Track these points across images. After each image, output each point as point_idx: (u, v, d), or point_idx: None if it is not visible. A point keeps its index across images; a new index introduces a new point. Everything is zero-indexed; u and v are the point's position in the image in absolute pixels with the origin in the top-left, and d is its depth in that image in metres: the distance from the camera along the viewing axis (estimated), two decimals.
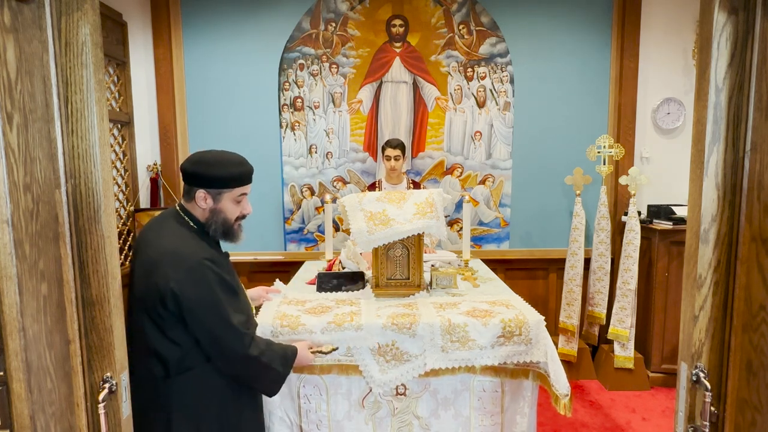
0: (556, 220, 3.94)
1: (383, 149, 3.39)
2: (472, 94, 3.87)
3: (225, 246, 1.74)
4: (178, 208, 1.65)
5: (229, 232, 1.65)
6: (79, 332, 1.00)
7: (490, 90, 3.86)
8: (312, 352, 1.86)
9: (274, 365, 1.63)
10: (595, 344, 3.80)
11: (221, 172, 1.57)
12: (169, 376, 1.51)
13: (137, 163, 3.83)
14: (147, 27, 3.78)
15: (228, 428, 1.62)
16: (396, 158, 3.32)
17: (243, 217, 1.67)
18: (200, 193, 1.58)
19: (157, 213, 3.76)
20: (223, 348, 1.54)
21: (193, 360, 1.54)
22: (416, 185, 3.50)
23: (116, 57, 3.59)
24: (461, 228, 3.76)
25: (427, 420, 2.03)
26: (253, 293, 2.13)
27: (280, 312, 2.04)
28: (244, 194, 1.64)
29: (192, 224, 1.62)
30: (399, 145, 3.33)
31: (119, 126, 3.67)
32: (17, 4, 0.86)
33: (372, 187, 3.55)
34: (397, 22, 3.81)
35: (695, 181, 1.01)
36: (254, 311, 1.89)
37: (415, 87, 3.87)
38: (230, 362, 1.57)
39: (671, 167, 3.84)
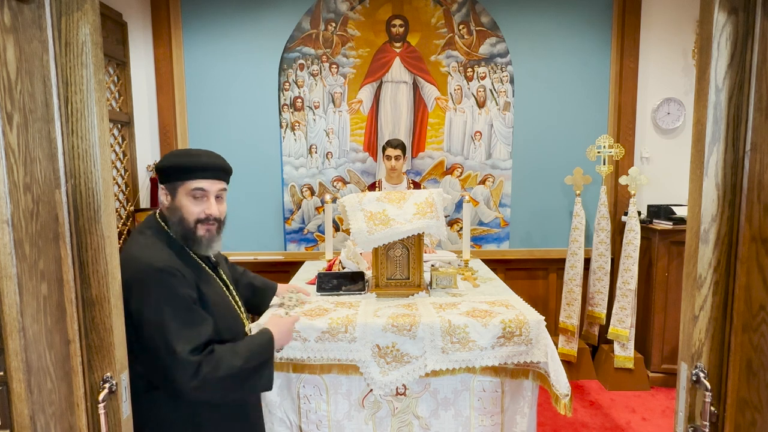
0: (556, 220, 3.95)
1: (384, 149, 3.39)
2: (472, 94, 3.87)
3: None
4: (157, 211, 1.54)
5: (188, 235, 1.44)
6: (79, 332, 1.00)
7: (490, 90, 3.86)
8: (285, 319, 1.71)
9: (238, 366, 1.40)
10: (595, 344, 3.80)
11: (170, 161, 1.43)
12: (140, 393, 1.36)
13: (137, 163, 3.83)
14: (147, 27, 3.79)
15: None
16: (396, 158, 3.33)
17: (207, 219, 1.45)
18: (161, 190, 1.46)
19: None
20: (168, 377, 1.33)
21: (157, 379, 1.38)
22: (416, 185, 3.50)
23: (116, 57, 3.59)
24: (461, 228, 3.77)
25: (427, 420, 2.03)
26: (281, 290, 2.12)
27: (276, 314, 2.04)
28: (201, 189, 1.43)
29: (166, 228, 1.48)
30: (399, 145, 3.33)
31: (119, 126, 3.67)
32: (17, 4, 0.86)
33: (372, 187, 3.55)
34: (397, 22, 3.81)
35: (695, 181, 1.01)
36: (244, 317, 1.70)
37: (415, 87, 3.87)
38: (181, 393, 1.34)
39: (671, 167, 3.84)
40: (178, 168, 1.43)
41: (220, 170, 1.48)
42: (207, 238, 1.47)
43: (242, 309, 1.66)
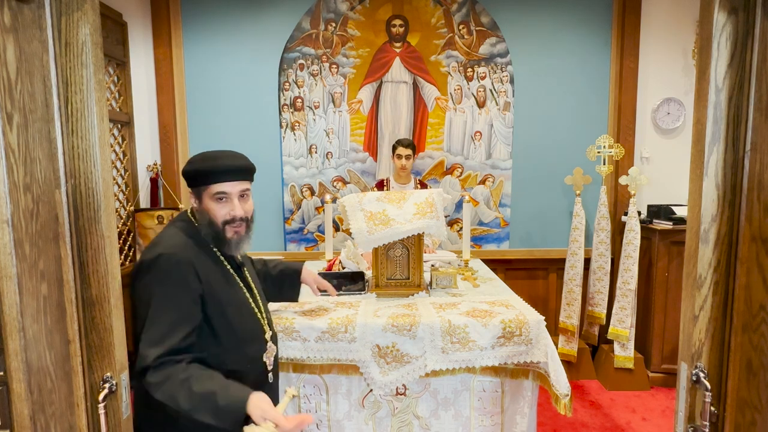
0: (556, 220, 3.94)
1: (394, 148, 3.42)
2: (472, 94, 3.87)
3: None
4: (190, 207, 1.59)
5: (218, 236, 1.46)
6: (79, 332, 1.00)
7: (490, 90, 3.86)
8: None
9: (185, 407, 1.25)
10: (595, 344, 3.80)
11: (191, 167, 1.45)
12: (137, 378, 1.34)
13: (137, 163, 3.83)
14: (147, 27, 3.78)
15: None
16: (407, 157, 3.38)
17: (233, 220, 1.46)
18: (190, 194, 1.50)
19: (157, 213, 3.77)
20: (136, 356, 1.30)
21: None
22: (423, 185, 3.52)
23: (116, 57, 3.59)
24: (461, 228, 3.76)
25: (427, 420, 2.03)
26: (306, 276, 1.99)
27: (275, 314, 2.04)
28: (223, 193, 1.44)
29: (196, 224, 1.52)
30: (410, 145, 3.38)
31: (119, 126, 3.67)
32: (17, 4, 0.86)
33: (380, 185, 3.55)
34: (397, 22, 3.81)
35: (695, 181, 1.01)
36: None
37: (415, 87, 3.87)
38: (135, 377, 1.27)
39: (671, 167, 3.84)
40: (199, 173, 1.45)
41: (240, 171, 1.47)
42: (236, 240, 1.49)
43: (265, 313, 1.62)
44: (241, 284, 1.56)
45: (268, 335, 1.59)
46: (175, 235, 1.46)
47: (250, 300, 1.57)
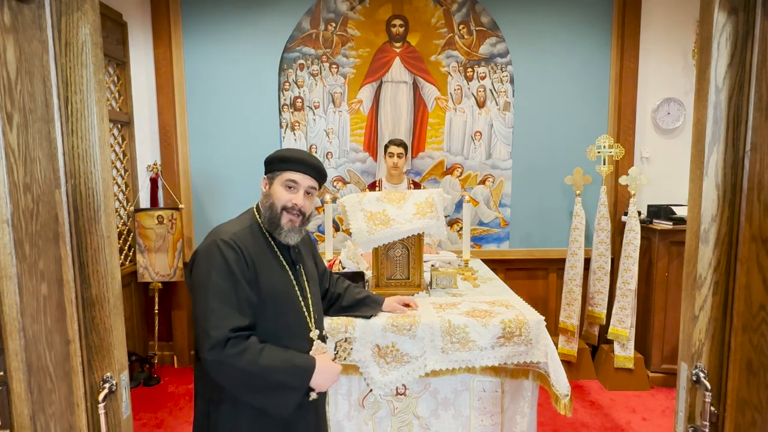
0: (556, 220, 3.94)
1: (386, 147, 3.41)
2: (472, 94, 3.87)
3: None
4: (257, 203, 1.69)
5: (273, 220, 1.56)
6: (79, 332, 1.00)
7: (490, 90, 3.86)
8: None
9: (259, 366, 1.41)
10: (595, 344, 3.80)
11: (276, 153, 1.62)
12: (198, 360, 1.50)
13: (137, 163, 3.83)
14: (147, 27, 3.78)
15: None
16: (399, 156, 3.36)
17: (292, 208, 1.56)
18: (263, 179, 1.63)
19: (157, 213, 3.76)
20: (196, 340, 1.45)
21: None
22: (416, 185, 3.50)
23: (116, 57, 3.59)
24: (461, 228, 3.76)
25: (427, 420, 2.03)
26: (386, 306, 2.07)
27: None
28: (293, 181, 1.57)
29: (256, 215, 1.63)
30: (402, 144, 3.37)
31: (119, 126, 3.68)
32: (17, 4, 0.86)
33: (372, 186, 3.55)
34: (397, 22, 3.81)
35: (695, 181, 1.01)
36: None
37: (415, 87, 3.87)
38: (202, 361, 1.42)
39: (671, 167, 3.84)
40: (280, 158, 1.60)
41: (313, 168, 1.61)
42: (288, 227, 1.57)
43: (314, 312, 1.66)
44: (292, 279, 1.62)
45: (314, 334, 1.63)
46: (233, 224, 1.60)
47: (299, 296, 1.63)
